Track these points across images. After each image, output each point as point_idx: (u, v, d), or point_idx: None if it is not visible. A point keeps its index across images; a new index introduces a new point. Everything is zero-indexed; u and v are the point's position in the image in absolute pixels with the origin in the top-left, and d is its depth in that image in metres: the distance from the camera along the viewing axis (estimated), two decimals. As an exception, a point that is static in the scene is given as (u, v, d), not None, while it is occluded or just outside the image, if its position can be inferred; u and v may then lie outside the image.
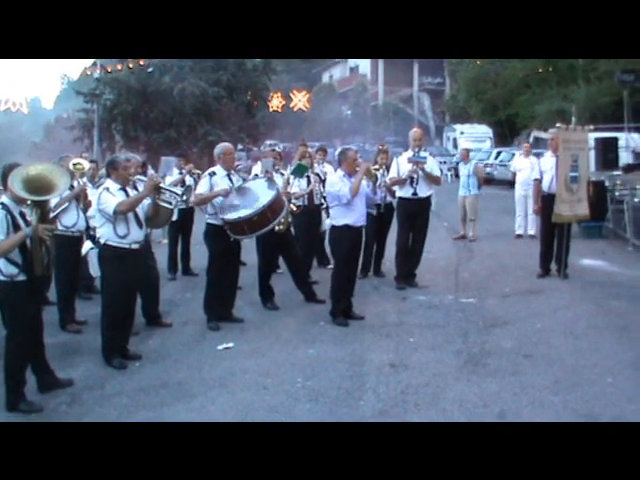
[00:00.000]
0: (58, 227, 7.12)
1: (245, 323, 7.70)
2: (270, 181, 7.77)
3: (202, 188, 7.51)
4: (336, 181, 7.59)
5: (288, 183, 8.57)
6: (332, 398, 5.51)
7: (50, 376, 5.81)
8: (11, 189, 5.23)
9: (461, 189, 13.92)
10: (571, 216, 9.67)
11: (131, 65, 29.15)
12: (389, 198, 9.59)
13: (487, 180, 25.59)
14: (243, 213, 7.29)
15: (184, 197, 6.86)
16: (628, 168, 15.09)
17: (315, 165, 10.01)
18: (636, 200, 12.70)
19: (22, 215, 5.32)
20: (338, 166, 7.83)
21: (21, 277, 5.29)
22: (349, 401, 5.46)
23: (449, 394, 5.57)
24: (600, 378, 5.87)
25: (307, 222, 9.35)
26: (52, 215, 6.13)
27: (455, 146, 35.61)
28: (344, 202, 7.44)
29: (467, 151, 15.12)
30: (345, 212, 7.52)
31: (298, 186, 9.01)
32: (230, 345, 6.92)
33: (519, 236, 13.60)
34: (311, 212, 9.43)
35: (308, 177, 9.27)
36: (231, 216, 7.32)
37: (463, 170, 14.14)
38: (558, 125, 9.96)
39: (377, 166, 9.13)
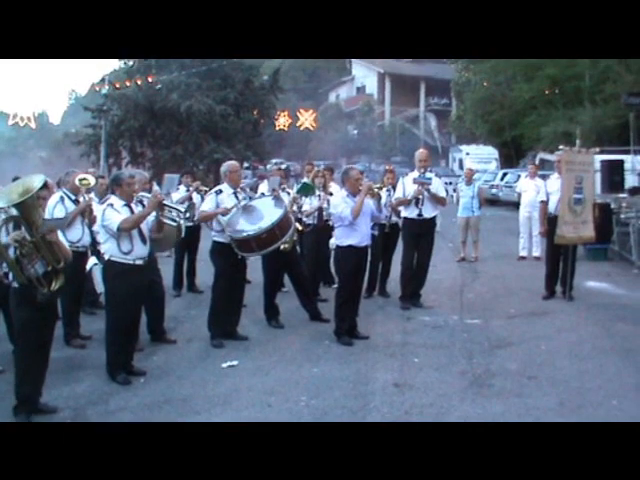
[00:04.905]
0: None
1: (250, 341, 7.70)
2: (277, 199, 7.81)
3: (207, 205, 7.59)
4: (338, 202, 7.60)
5: (295, 202, 8.60)
6: (336, 417, 5.49)
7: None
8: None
9: (463, 210, 13.69)
10: (575, 238, 9.65)
11: (139, 82, 29.37)
12: (394, 218, 9.60)
13: (492, 201, 25.74)
14: (252, 231, 7.31)
15: (187, 214, 6.87)
16: (634, 190, 15.08)
17: (330, 184, 10.00)
18: (642, 223, 12.68)
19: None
20: (342, 186, 7.85)
21: (14, 284, 5.38)
22: (353, 420, 5.43)
23: (453, 414, 5.55)
24: (605, 400, 5.85)
25: (315, 240, 9.35)
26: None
27: (461, 167, 35.60)
28: (347, 223, 7.47)
29: (471, 171, 14.57)
30: (349, 232, 7.51)
31: (309, 204, 9.01)
32: (234, 363, 6.92)
33: (522, 258, 13.55)
34: (320, 230, 9.39)
35: (319, 195, 9.29)
36: (239, 234, 7.34)
37: (466, 191, 13.77)
38: (561, 147, 9.99)
39: (379, 185, 9.11)
